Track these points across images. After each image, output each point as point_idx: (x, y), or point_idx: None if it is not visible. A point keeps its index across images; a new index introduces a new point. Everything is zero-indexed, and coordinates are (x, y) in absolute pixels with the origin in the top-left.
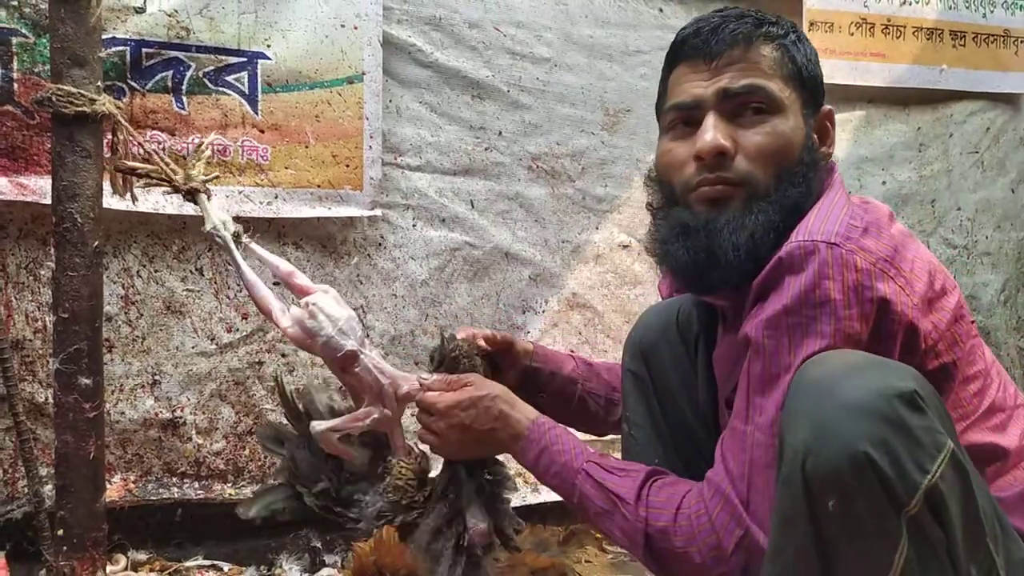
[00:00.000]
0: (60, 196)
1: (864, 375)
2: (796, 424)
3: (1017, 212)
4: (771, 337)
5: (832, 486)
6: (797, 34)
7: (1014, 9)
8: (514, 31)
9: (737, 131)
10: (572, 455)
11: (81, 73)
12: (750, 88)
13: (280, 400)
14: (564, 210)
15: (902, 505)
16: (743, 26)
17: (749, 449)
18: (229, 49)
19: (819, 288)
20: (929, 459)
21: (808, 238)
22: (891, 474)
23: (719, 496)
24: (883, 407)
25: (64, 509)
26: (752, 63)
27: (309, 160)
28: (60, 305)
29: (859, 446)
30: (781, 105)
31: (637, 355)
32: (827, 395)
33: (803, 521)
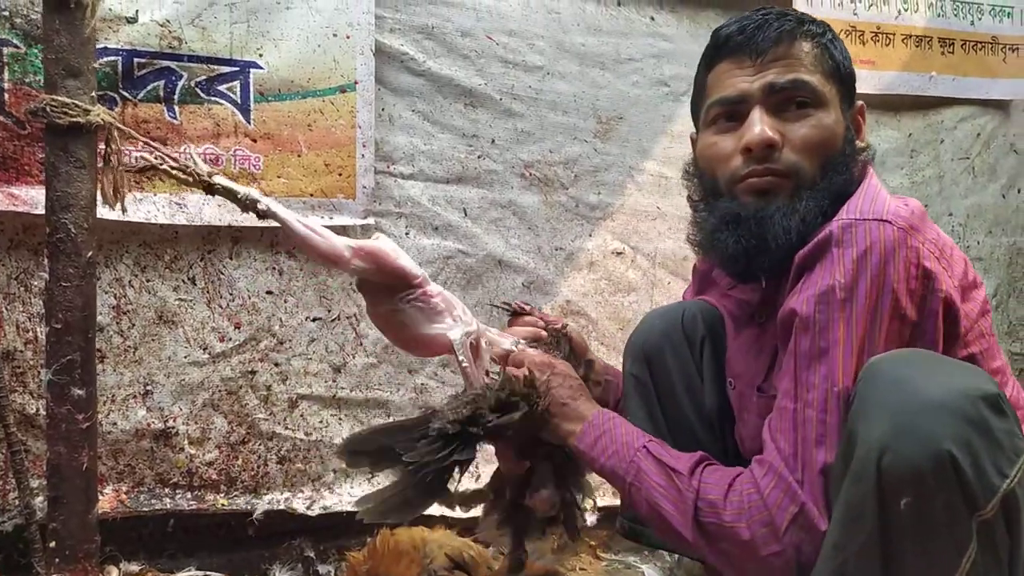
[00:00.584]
0: (54, 206)
1: (947, 374)
2: (871, 419)
3: (1008, 217)
4: (822, 312)
5: (909, 484)
6: (833, 33)
7: (1001, 16)
8: (506, 39)
9: (783, 124)
10: (633, 436)
11: (75, 84)
12: (795, 83)
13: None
14: (557, 218)
15: (977, 508)
16: (786, 23)
17: (800, 427)
18: (221, 59)
19: (871, 262)
20: (1008, 463)
21: (859, 215)
22: (971, 476)
23: (772, 474)
24: (968, 408)
25: (56, 521)
26: (796, 59)
27: (302, 169)
28: (53, 316)
29: (942, 444)
30: (824, 99)
31: (640, 358)
32: (907, 392)
33: (872, 517)
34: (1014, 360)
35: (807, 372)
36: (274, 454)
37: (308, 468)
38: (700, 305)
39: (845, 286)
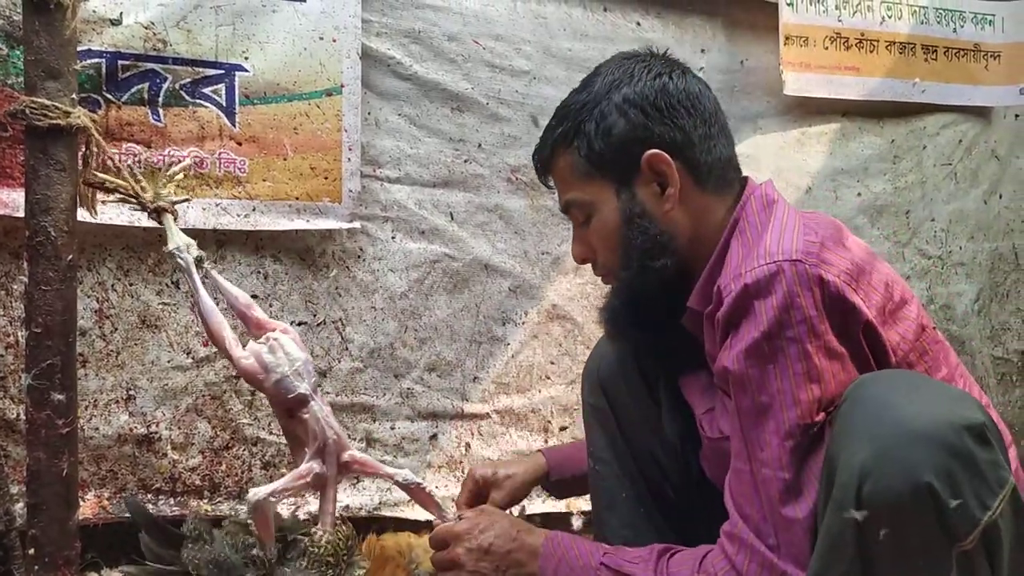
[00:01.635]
0: (34, 209)
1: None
2: (853, 445)
3: (990, 223)
4: (754, 366)
5: (888, 513)
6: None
7: (983, 24)
8: (493, 44)
9: (586, 233)
10: (588, 556)
11: (55, 86)
12: (566, 205)
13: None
14: (543, 222)
15: (956, 540)
16: (544, 146)
17: (761, 488)
18: (206, 61)
19: (792, 308)
20: (991, 495)
21: (769, 260)
22: (951, 507)
23: (744, 548)
24: (951, 438)
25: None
26: (559, 179)
27: (287, 172)
28: (33, 320)
29: (923, 476)
30: (590, 205)
31: (596, 387)
32: (890, 418)
33: (851, 546)
34: (996, 364)
35: (755, 431)
36: (258, 459)
37: None
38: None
39: (769, 335)
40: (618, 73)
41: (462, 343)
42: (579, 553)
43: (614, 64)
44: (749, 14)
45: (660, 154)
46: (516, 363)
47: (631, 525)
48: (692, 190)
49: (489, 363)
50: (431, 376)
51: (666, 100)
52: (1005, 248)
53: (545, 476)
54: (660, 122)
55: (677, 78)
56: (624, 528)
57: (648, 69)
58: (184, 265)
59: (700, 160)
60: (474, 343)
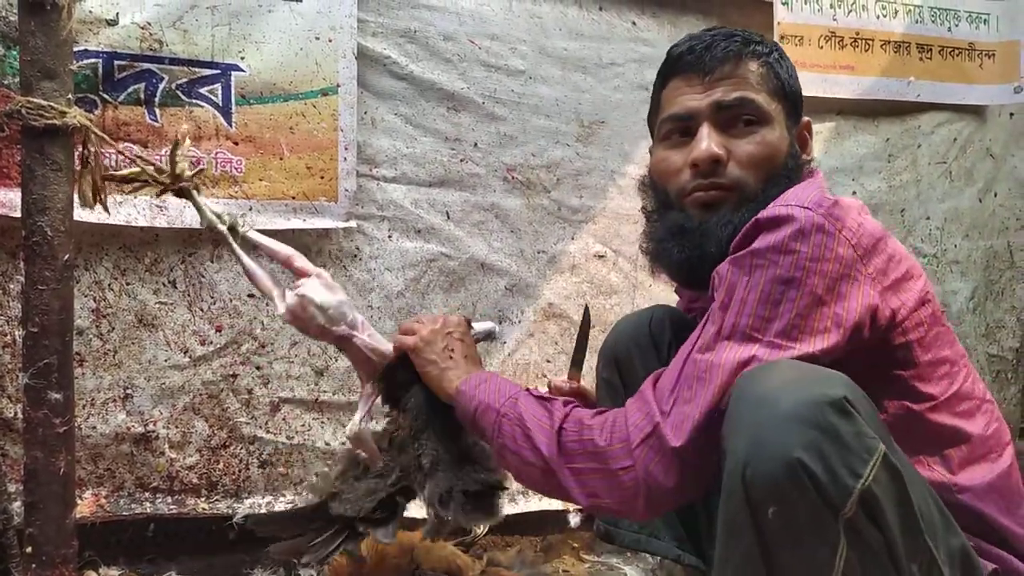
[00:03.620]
0: (30, 209)
1: (796, 383)
2: (736, 435)
3: (984, 221)
4: (733, 273)
5: (770, 493)
6: (780, 52)
7: (978, 23)
8: (489, 44)
9: (730, 140)
10: (517, 387)
11: (51, 86)
12: (741, 101)
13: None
14: (539, 221)
15: (838, 509)
16: (733, 44)
17: (685, 367)
18: (202, 61)
19: (788, 240)
20: (861, 463)
21: (783, 204)
22: (825, 479)
23: (639, 401)
24: (814, 414)
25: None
26: (742, 78)
27: (283, 172)
28: (30, 319)
29: (793, 453)
30: (768, 117)
31: (611, 363)
32: (764, 406)
33: (746, 529)
34: (991, 361)
35: (708, 324)
36: (256, 458)
37: (290, 472)
38: (669, 310)
39: (755, 252)
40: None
41: None
42: (510, 383)
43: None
44: (744, 13)
45: (811, 125)
46: (512, 361)
47: None
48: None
49: (486, 361)
50: None
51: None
52: (1000, 246)
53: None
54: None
55: None
56: None
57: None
58: (222, 236)
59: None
60: None
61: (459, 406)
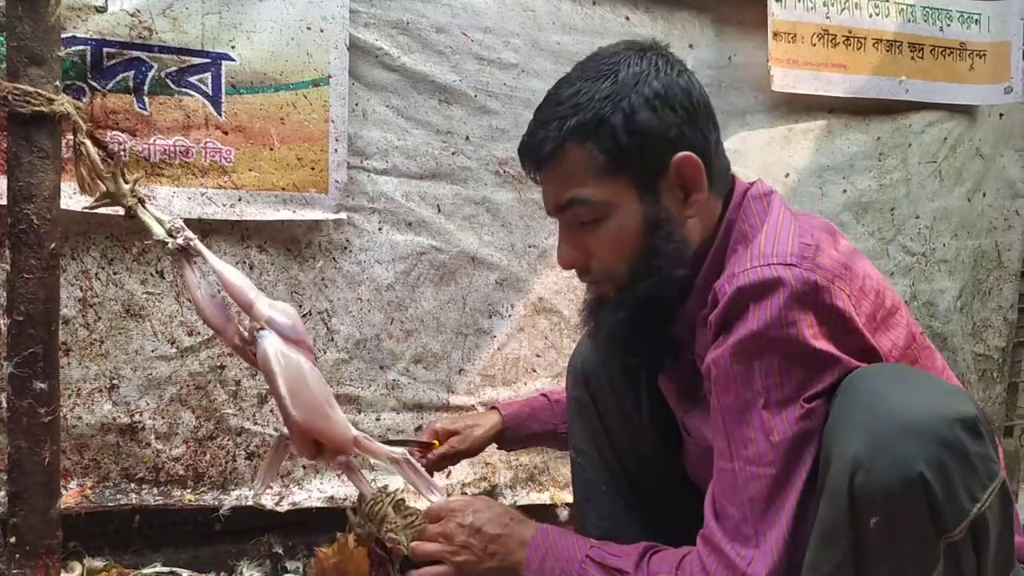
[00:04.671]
0: (16, 197)
1: (923, 393)
2: (847, 436)
3: (973, 221)
4: (740, 363)
5: (879, 503)
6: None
7: (969, 23)
8: (481, 36)
9: (585, 235)
10: (575, 548)
11: (39, 72)
12: (570, 202)
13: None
14: (531, 215)
15: (945, 530)
16: (550, 133)
17: (743, 486)
18: (192, 50)
19: (786, 309)
20: (981, 488)
21: (763, 262)
22: (942, 498)
23: (715, 552)
24: (944, 431)
25: (17, 516)
26: (565, 174)
27: (273, 163)
28: (15, 308)
29: (915, 467)
30: (603, 206)
31: (579, 380)
32: (883, 410)
33: (844, 536)
34: (977, 360)
35: (739, 428)
36: (243, 450)
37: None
38: None
39: (758, 334)
40: (642, 65)
41: (448, 335)
42: (566, 545)
43: (632, 54)
44: (738, 10)
45: (693, 157)
46: (502, 356)
47: (610, 517)
48: (707, 200)
49: (475, 355)
50: (417, 368)
51: (689, 100)
52: (988, 246)
53: (499, 434)
54: (688, 123)
55: (691, 77)
56: (603, 520)
57: (669, 65)
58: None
59: (714, 165)
60: (460, 335)
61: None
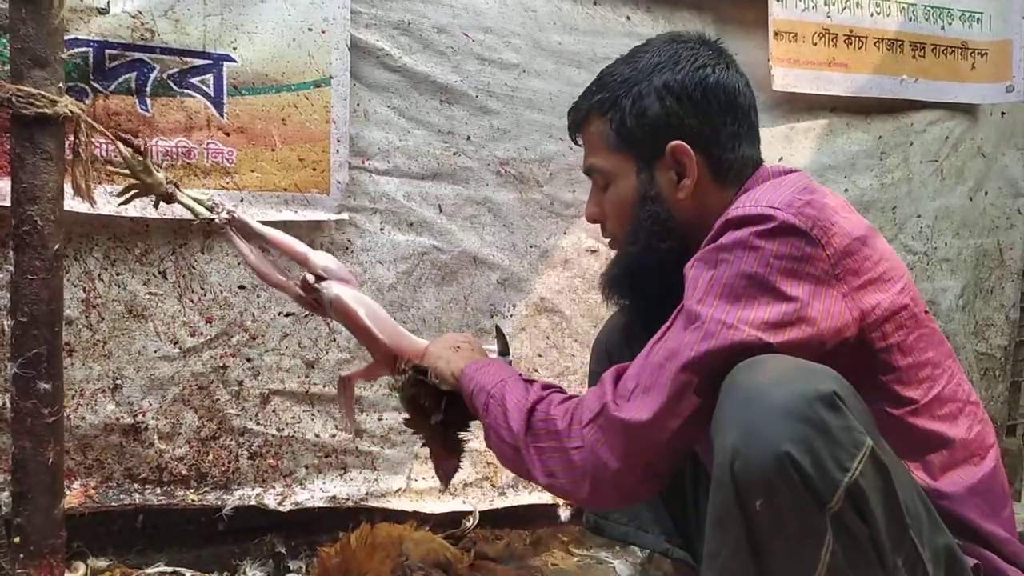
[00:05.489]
0: (20, 198)
1: (788, 378)
2: (725, 428)
3: (975, 220)
4: (697, 267)
5: (759, 486)
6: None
7: (971, 22)
8: (483, 37)
9: (603, 198)
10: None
11: (42, 74)
12: (588, 169)
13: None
14: (532, 215)
15: (824, 502)
16: (582, 105)
17: (649, 356)
18: (194, 51)
19: (755, 236)
20: (849, 457)
21: (754, 204)
22: (813, 472)
23: (599, 386)
24: (804, 408)
25: (21, 516)
26: (588, 143)
27: (275, 163)
28: (19, 309)
29: (782, 446)
30: (611, 175)
31: (603, 356)
32: (755, 399)
33: (735, 522)
34: (980, 359)
35: (677, 319)
36: (245, 449)
37: (280, 464)
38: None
39: (723, 248)
40: (664, 56)
41: None
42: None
43: (663, 44)
44: (738, 9)
45: (684, 146)
46: None
47: None
48: (709, 184)
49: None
50: None
51: (703, 93)
52: (990, 244)
53: None
54: (693, 114)
55: (720, 71)
56: None
57: (694, 58)
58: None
59: (723, 156)
60: None
61: (462, 389)
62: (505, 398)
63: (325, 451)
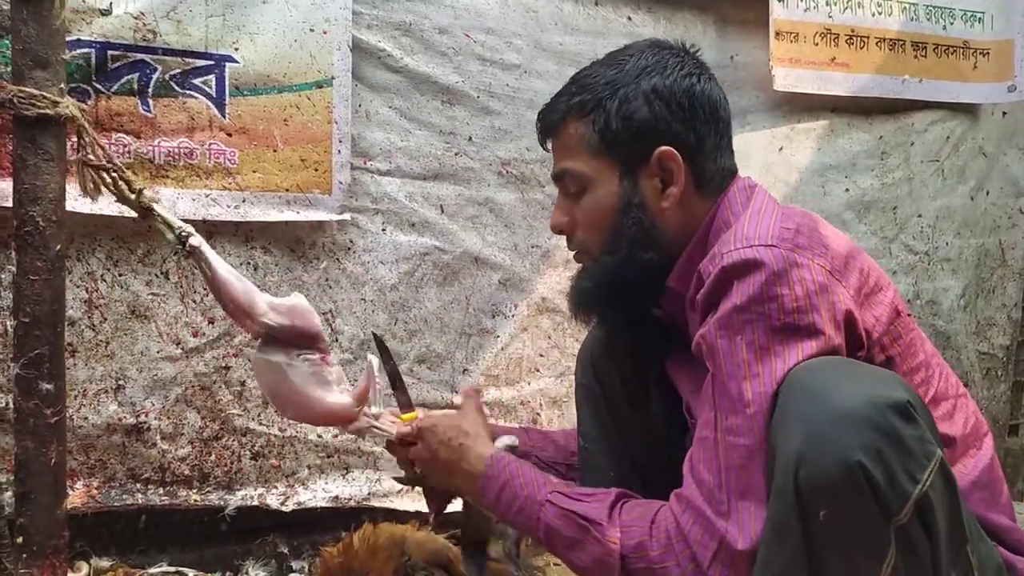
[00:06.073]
0: (22, 199)
1: (857, 383)
2: (789, 432)
3: (976, 219)
4: (723, 336)
5: (824, 495)
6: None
7: (972, 22)
8: (484, 37)
9: (573, 207)
10: (535, 487)
11: (43, 75)
12: (560, 172)
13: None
14: (534, 215)
15: (892, 515)
16: (558, 106)
17: (723, 454)
18: (196, 52)
19: (767, 285)
20: (920, 469)
21: (746, 244)
22: (883, 483)
23: (691, 510)
24: (876, 416)
25: (24, 516)
26: (563, 146)
27: (277, 164)
28: (21, 309)
29: (852, 455)
30: (587, 180)
31: (588, 368)
32: (820, 403)
33: (795, 531)
34: (982, 359)
35: (723, 399)
36: (248, 450)
37: (282, 464)
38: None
39: (740, 309)
40: (651, 60)
41: (452, 335)
42: (523, 483)
43: (648, 50)
44: (739, 9)
45: (673, 152)
46: (505, 356)
47: None
48: (692, 193)
49: (479, 355)
50: (421, 368)
51: (690, 101)
52: (991, 244)
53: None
54: (680, 121)
55: (704, 82)
56: None
57: (681, 65)
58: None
59: (706, 167)
60: (464, 335)
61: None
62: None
63: (327, 451)
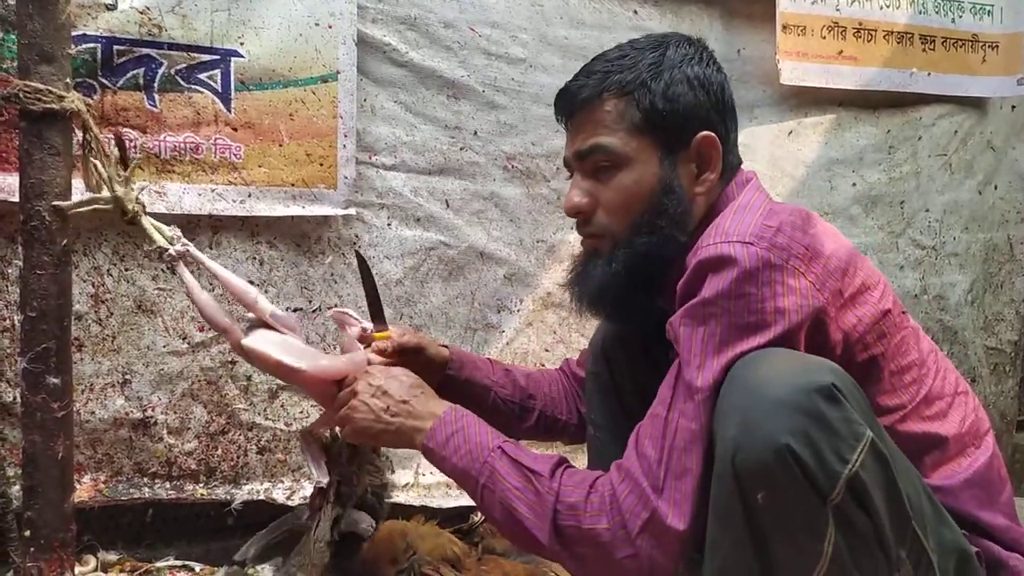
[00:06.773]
0: (28, 194)
1: (787, 371)
2: (726, 420)
3: (984, 214)
4: (687, 325)
5: (759, 479)
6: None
7: (982, 14)
8: (489, 31)
9: (598, 187)
10: (488, 436)
11: (49, 70)
12: (593, 149)
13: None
14: (539, 210)
15: (826, 495)
16: (591, 82)
17: (669, 435)
18: (202, 47)
19: (737, 283)
20: (849, 449)
21: (724, 239)
22: (813, 465)
23: (629, 480)
24: (802, 401)
25: (31, 510)
26: (596, 121)
27: (283, 159)
28: (28, 304)
29: (781, 439)
30: (624, 159)
31: (599, 357)
32: (753, 391)
33: (737, 514)
34: (989, 354)
35: (679, 383)
36: (254, 444)
37: (288, 458)
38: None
39: (706, 302)
40: (690, 50)
41: (457, 330)
42: (479, 431)
43: (683, 40)
44: (746, 3)
45: (714, 138)
46: (511, 350)
47: None
48: (717, 182)
49: (484, 350)
50: None
51: (722, 93)
52: (999, 239)
53: (447, 360)
54: (718, 112)
55: (726, 78)
56: None
57: (712, 61)
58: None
59: (728, 157)
60: (469, 330)
61: (433, 462)
62: (509, 498)
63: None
